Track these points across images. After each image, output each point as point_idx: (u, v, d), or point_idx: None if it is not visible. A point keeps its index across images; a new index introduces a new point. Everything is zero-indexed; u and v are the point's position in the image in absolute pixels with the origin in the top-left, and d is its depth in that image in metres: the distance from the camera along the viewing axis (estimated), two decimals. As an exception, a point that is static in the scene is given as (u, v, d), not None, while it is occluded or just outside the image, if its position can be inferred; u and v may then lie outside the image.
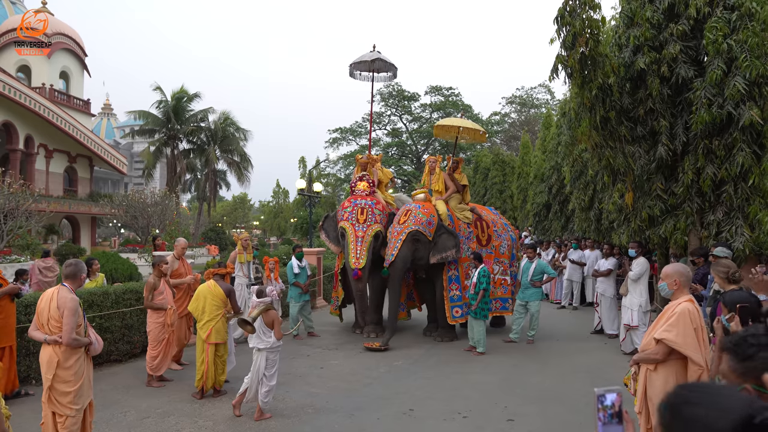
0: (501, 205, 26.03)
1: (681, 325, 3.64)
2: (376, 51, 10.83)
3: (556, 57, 7.51)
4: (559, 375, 7.27)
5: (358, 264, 9.00)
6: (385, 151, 44.26)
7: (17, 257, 14.88)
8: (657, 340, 3.72)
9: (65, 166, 32.84)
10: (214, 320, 6.36)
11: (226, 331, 6.48)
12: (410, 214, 9.26)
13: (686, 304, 3.72)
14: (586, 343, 9.26)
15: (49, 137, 30.39)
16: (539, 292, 9.32)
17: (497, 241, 10.28)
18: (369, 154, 10.75)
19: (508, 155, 27.87)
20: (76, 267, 4.57)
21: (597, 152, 8.35)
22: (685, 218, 7.81)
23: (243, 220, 62.56)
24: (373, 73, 11.30)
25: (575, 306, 13.06)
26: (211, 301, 6.37)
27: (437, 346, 9.19)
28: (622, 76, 7.92)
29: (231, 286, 6.75)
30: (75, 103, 33.57)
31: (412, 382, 7.07)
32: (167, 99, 29.04)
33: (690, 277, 3.92)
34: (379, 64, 11.03)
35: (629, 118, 8.05)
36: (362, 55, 10.81)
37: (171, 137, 29.26)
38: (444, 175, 9.96)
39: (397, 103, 45.16)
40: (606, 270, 9.91)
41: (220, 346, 6.40)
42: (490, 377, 7.22)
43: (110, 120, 70.57)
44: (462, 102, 44.19)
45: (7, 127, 27.65)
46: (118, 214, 22.98)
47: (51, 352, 4.39)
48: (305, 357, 8.53)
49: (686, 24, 7.45)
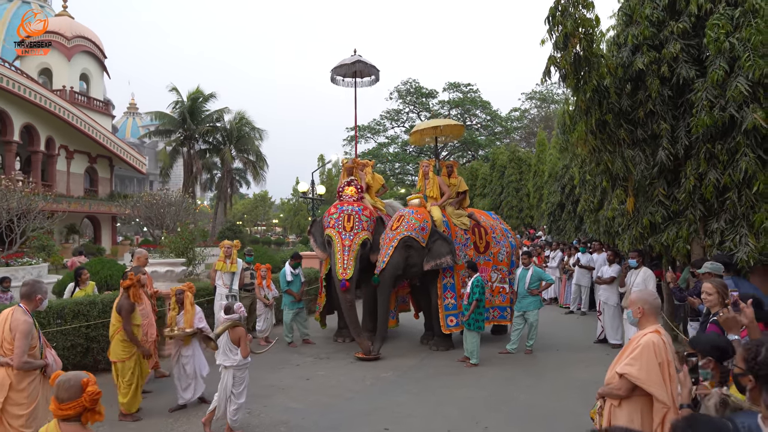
0: (517, 203, 25.58)
1: (644, 358, 3.35)
2: (357, 54, 10.60)
3: (548, 58, 7.17)
4: (551, 391, 6.96)
5: (345, 275, 8.77)
6: (403, 148, 43.93)
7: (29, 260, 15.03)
8: (619, 375, 3.43)
9: (86, 167, 33.45)
10: (113, 337, 6.04)
11: (123, 350, 5.97)
12: (403, 219, 9.02)
13: (651, 335, 3.42)
14: (587, 354, 8.90)
15: (70, 138, 30.95)
16: (537, 301, 8.98)
17: (496, 247, 9.97)
18: (355, 158, 10.54)
19: (525, 152, 27.33)
20: (32, 287, 4.45)
21: (595, 157, 7.98)
22: (688, 226, 7.40)
23: (263, 218, 63.01)
24: (355, 78, 11.09)
25: (584, 311, 12.66)
26: (113, 316, 6.07)
27: (431, 356, 8.95)
28: (620, 77, 7.53)
29: (127, 302, 5.99)
30: (95, 105, 34.11)
31: (396, 396, 6.85)
32: (183, 100, 29.24)
33: (657, 305, 3.61)
34: (360, 67, 10.79)
35: (629, 120, 7.65)
36: (342, 59, 10.60)
37: (187, 137, 29.47)
38: (438, 179, 9.69)
39: (414, 100, 44.77)
40: (609, 278, 9.53)
41: (118, 365, 5.98)
42: (478, 392, 6.94)
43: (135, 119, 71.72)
44: (480, 98, 43.57)
45: (29, 129, 28.24)
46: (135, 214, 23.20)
47: (4, 374, 4.30)
48: (294, 366, 8.39)
49: (687, 21, 7.02)
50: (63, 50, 32.29)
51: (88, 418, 2.72)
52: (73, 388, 2.69)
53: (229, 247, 9.40)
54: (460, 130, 11.20)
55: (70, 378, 2.73)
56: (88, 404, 2.70)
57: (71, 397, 2.68)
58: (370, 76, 11.46)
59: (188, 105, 29.27)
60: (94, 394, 2.71)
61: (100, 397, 2.76)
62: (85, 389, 2.70)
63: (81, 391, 2.70)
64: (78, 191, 32.14)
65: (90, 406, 2.71)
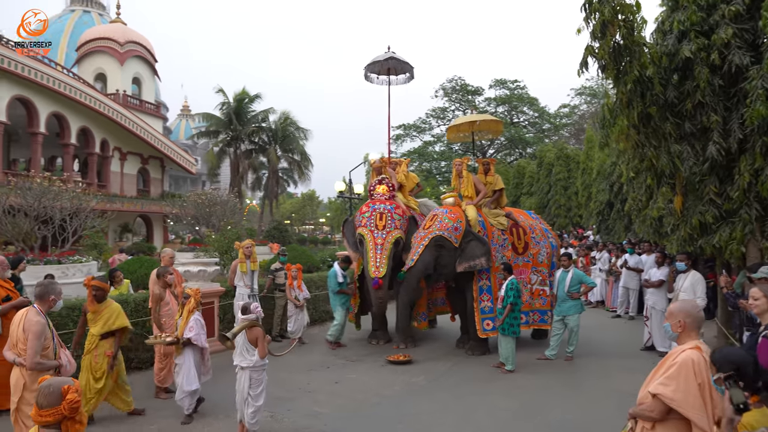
0: (565, 202, 24.78)
1: (682, 378, 2.98)
2: (390, 51, 10.34)
3: (585, 48, 6.73)
4: (588, 402, 6.55)
5: (378, 273, 8.59)
6: (449, 146, 43.40)
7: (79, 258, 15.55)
8: (652, 395, 3.08)
9: (138, 168, 34.56)
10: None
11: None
12: (436, 219, 8.75)
13: (691, 352, 3.04)
14: (632, 362, 8.37)
15: (123, 140, 32.03)
16: (577, 305, 8.51)
17: (535, 248, 9.54)
18: (384, 157, 10.30)
19: (573, 149, 26.42)
20: (45, 288, 4.47)
21: (638, 152, 7.48)
22: (743, 226, 6.82)
23: (311, 217, 63.65)
24: (389, 75, 10.82)
25: (631, 315, 12.02)
26: None
27: (465, 361, 8.64)
28: (665, 66, 7.01)
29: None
30: (146, 107, 35.21)
31: (425, 403, 6.60)
32: (229, 101, 29.78)
33: (700, 318, 3.23)
34: (394, 64, 10.52)
35: (675, 113, 7.12)
36: (376, 56, 10.36)
37: (233, 138, 30.02)
38: (473, 177, 9.35)
39: (460, 98, 44.18)
40: (657, 281, 8.95)
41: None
42: (510, 401, 6.61)
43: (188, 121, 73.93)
44: (528, 95, 42.58)
45: (85, 132, 29.35)
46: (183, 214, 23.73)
47: (18, 374, 4.34)
48: (324, 369, 8.26)
49: (740, 3, 6.46)
50: (116, 55, 33.47)
51: (68, 427, 2.61)
52: (53, 394, 2.58)
53: (248, 246, 9.38)
54: (499, 126, 10.82)
55: (51, 383, 2.63)
56: (67, 412, 2.58)
57: (50, 404, 2.57)
58: (404, 73, 11.21)
59: (234, 106, 29.80)
60: (73, 402, 2.59)
61: (80, 406, 2.64)
62: (65, 396, 2.59)
63: (60, 398, 2.58)
64: (131, 191, 33.26)
65: (69, 415, 2.59)
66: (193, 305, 5.87)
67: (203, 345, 5.89)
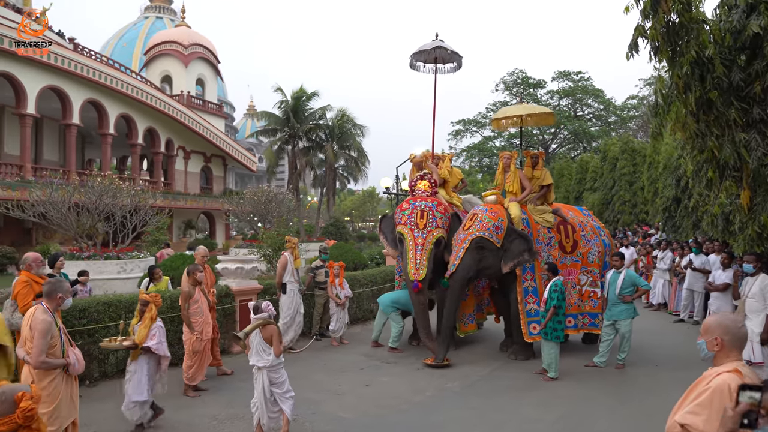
0: (630, 198, 23.44)
1: (715, 407, 2.48)
2: (438, 39, 9.89)
3: (635, 29, 6.11)
4: (633, 418, 5.96)
5: (417, 275, 8.21)
6: (510, 141, 42.23)
7: (137, 254, 16.10)
8: (681, 425, 2.61)
9: (201, 166, 35.78)
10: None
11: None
12: (476, 218, 8.29)
13: (728, 376, 2.54)
14: (689, 373, 7.49)
15: (187, 140, 33.21)
16: (630, 309, 7.83)
17: (585, 247, 8.91)
18: (425, 152, 9.88)
19: (639, 142, 24.97)
20: (53, 286, 4.43)
21: (697, 143, 6.74)
22: (821, 225, 6.01)
23: (371, 214, 63.88)
24: (436, 64, 10.38)
25: (696, 320, 11.06)
26: None
27: (505, 366, 8.18)
28: (728, 45, 6.26)
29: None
30: (209, 107, 36.36)
31: (455, 411, 6.23)
32: (287, 99, 30.15)
33: (742, 336, 2.72)
34: (441, 53, 10.07)
35: (741, 98, 6.34)
36: (423, 45, 9.95)
37: (291, 135, 30.37)
38: (520, 173, 8.83)
39: (522, 91, 42.80)
40: (722, 284, 8.15)
41: None
42: (547, 413, 6.12)
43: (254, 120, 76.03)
44: (592, 86, 40.75)
45: (151, 132, 30.61)
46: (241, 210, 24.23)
47: (27, 372, 4.32)
48: (358, 370, 8.04)
49: (819, -29, 5.66)
50: (181, 57, 34.74)
51: None
52: (6, 402, 2.46)
53: (294, 243, 9.28)
54: (549, 118, 10.18)
55: (4, 391, 2.51)
56: (20, 421, 2.45)
57: (3, 413, 2.44)
58: (452, 62, 10.76)
59: (292, 104, 30.12)
60: (26, 410, 2.46)
61: (35, 414, 2.50)
62: (19, 404, 2.45)
63: (14, 406, 2.45)
64: (194, 189, 34.47)
65: (23, 423, 2.46)
66: (155, 312, 5.70)
67: (165, 354, 5.70)
